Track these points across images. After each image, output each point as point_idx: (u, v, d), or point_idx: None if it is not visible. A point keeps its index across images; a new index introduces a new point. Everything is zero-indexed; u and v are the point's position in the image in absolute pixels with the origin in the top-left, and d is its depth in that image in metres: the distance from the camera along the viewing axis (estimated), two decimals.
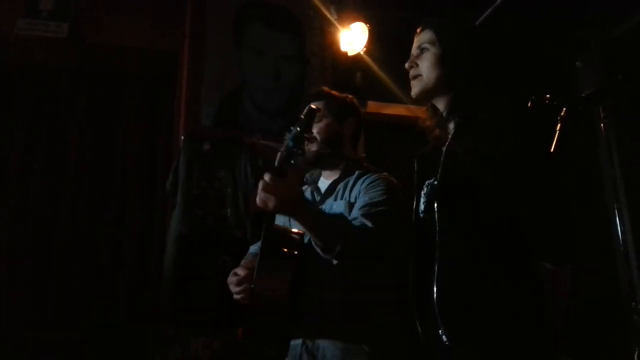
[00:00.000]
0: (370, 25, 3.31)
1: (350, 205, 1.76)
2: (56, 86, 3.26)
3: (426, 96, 1.55)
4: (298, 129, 1.49)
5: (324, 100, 1.93)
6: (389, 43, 3.21)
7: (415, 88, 1.55)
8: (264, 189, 1.42)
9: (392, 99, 3.18)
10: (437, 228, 1.40)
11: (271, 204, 1.42)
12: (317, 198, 1.91)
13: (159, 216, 3.17)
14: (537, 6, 3.47)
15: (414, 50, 1.58)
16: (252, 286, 1.64)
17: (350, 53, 3.38)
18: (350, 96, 2.06)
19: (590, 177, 3.66)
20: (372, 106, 3.49)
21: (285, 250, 1.68)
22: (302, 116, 1.52)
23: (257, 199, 1.45)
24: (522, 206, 1.32)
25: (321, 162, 1.92)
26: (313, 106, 1.55)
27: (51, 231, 3.05)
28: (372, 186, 1.76)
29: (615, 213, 3.11)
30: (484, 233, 1.35)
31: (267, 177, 1.43)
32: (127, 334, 2.95)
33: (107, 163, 3.22)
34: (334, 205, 1.82)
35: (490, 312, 1.30)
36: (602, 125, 3.07)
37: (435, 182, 1.45)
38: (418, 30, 1.60)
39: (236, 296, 1.73)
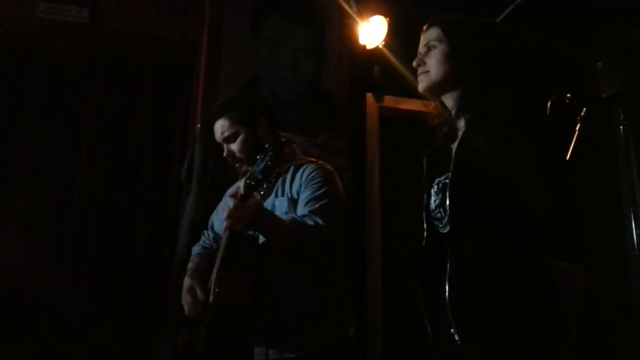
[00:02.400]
0: (389, 19, 3.29)
1: (293, 201, 1.84)
2: (73, 72, 3.30)
3: (433, 91, 1.55)
4: (268, 162, 1.58)
5: (226, 114, 1.95)
6: (408, 37, 3.18)
7: (422, 83, 1.54)
8: (231, 216, 1.57)
9: (410, 94, 3.15)
10: (449, 226, 1.40)
11: (237, 227, 1.59)
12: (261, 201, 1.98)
13: (173, 203, 3.19)
14: (558, 6, 3.44)
15: (421, 48, 1.57)
16: (213, 295, 1.71)
17: (369, 47, 3.36)
18: (244, 94, 2.06)
19: (606, 180, 3.63)
20: (389, 101, 3.47)
21: (244, 258, 1.75)
22: (271, 148, 1.60)
23: (224, 224, 1.61)
24: (533, 204, 1.31)
25: None
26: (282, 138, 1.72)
27: (64, 218, 3.08)
28: (310, 179, 1.84)
29: (630, 217, 3.08)
30: (496, 231, 1.35)
31: (231, 203, 1.58)
32: (136, 318, 2.99)
33: (122, 150, 3.25)
34: (277, 202, 1.88)
35: (502, 311, 1.30)
36: (621, 127, 3.03)
37: (447, 180, 1.44)
38: (425, 27, 1.59)
39: (189, 313, 1.82)
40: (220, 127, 1.96)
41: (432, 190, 1.53)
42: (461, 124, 1.51)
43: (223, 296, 1.68)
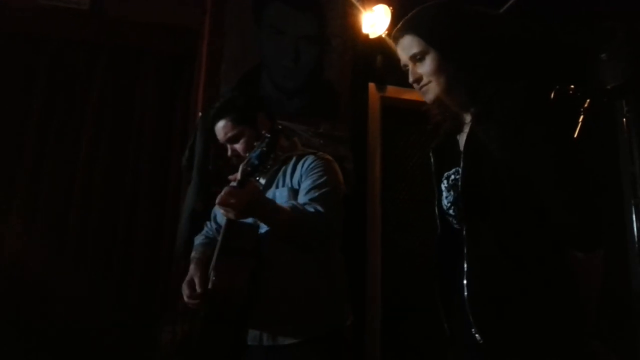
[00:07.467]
0: (392, 8, 3.26)
1: (294, 191, 1.87)
2: (75, 59, 3.26)
3: (444, 97, 1.48)
4: (264, 148, 1.57)
5: (226, 116, 1.97)
6: None
7: (430, 94, 1.49)
8: (224, 203, 1.54)
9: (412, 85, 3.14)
10: (465, 223, 1.38)
11: (231, 215, 1.56)
12: (260, 188, 1.97)
13: (174, 192, 3.19)
14: None
15: (407, 61, 1.50)
16: (211, 284, 1.72)
17: (372, 36, 3.33)
18: (238, 93, 2.09)
19: (608, 172, 3.62)
20: (392, 91, 3.45)
21: (243, 247, 1.77)
22: (268, 135, 1.59)
23: (220, 211, 1.59)
24: (550, 194, 1.29)
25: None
26: (279, 126, 1.75)
27: (66, 205, 3.07)
28: (311, 169, 1.88)
29: (632, 209, 3.07)
30: (512, 226, 1.32)
31: (225, 190, 1.56)
32: (137, 306, 2.99)
33: (123, 137, 3.24)
34: (277, 193, 1.92)
35: (523, 307, 1.29)
36: (624, 119, 3.02)
37: (457, 176, 1.42)
38: (396, 36, 1.52)
39: (187, 304, 1.83)
40: (223, 128, 1.99)
41: (443, 186, 1.50)
42: (467, 117, 1.48)
43: (220, 285, 1.69)
